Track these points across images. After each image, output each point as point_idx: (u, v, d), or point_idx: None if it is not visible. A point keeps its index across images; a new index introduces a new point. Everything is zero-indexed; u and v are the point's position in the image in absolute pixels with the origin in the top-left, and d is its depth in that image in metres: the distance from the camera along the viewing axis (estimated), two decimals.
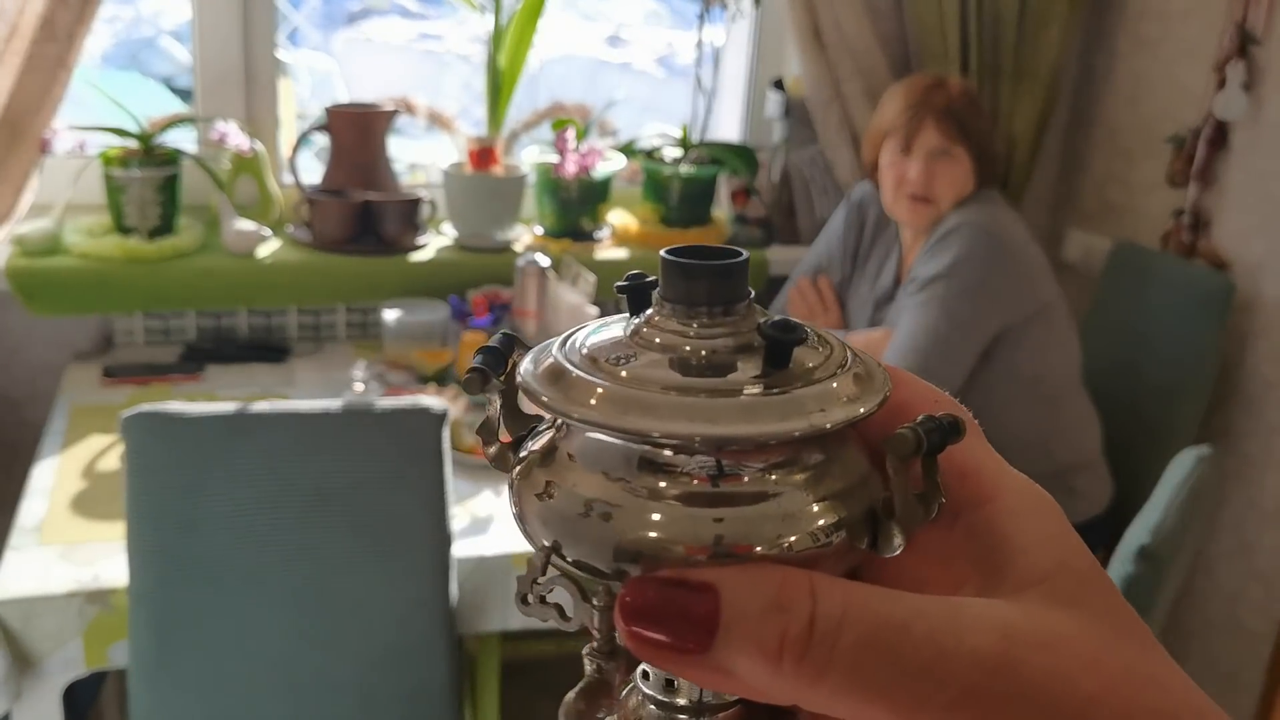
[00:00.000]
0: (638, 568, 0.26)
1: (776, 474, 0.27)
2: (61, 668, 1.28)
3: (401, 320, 1.90)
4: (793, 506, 0.27)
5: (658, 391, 0.26)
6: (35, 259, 1.85)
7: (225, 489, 1.23)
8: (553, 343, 0.30)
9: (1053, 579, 0.27)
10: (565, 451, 0.29)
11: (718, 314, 0.28)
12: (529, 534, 0.29)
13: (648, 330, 0.29)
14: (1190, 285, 2.02)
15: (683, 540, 0.26)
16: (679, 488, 0.26)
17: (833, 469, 0.28)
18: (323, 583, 1.27)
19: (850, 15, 2.12)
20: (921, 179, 1.78)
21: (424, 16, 2.35)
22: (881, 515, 0.28)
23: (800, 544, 0.26)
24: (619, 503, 0.27)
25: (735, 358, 0.28)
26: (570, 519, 0.27)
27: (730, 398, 0.26)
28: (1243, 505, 2.07)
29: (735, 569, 0.25)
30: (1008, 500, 0.29)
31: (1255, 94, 1.98)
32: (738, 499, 0.26)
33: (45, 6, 1.70)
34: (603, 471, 0.27)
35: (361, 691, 1.31)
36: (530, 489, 0.29)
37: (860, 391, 0.28)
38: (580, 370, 0.28)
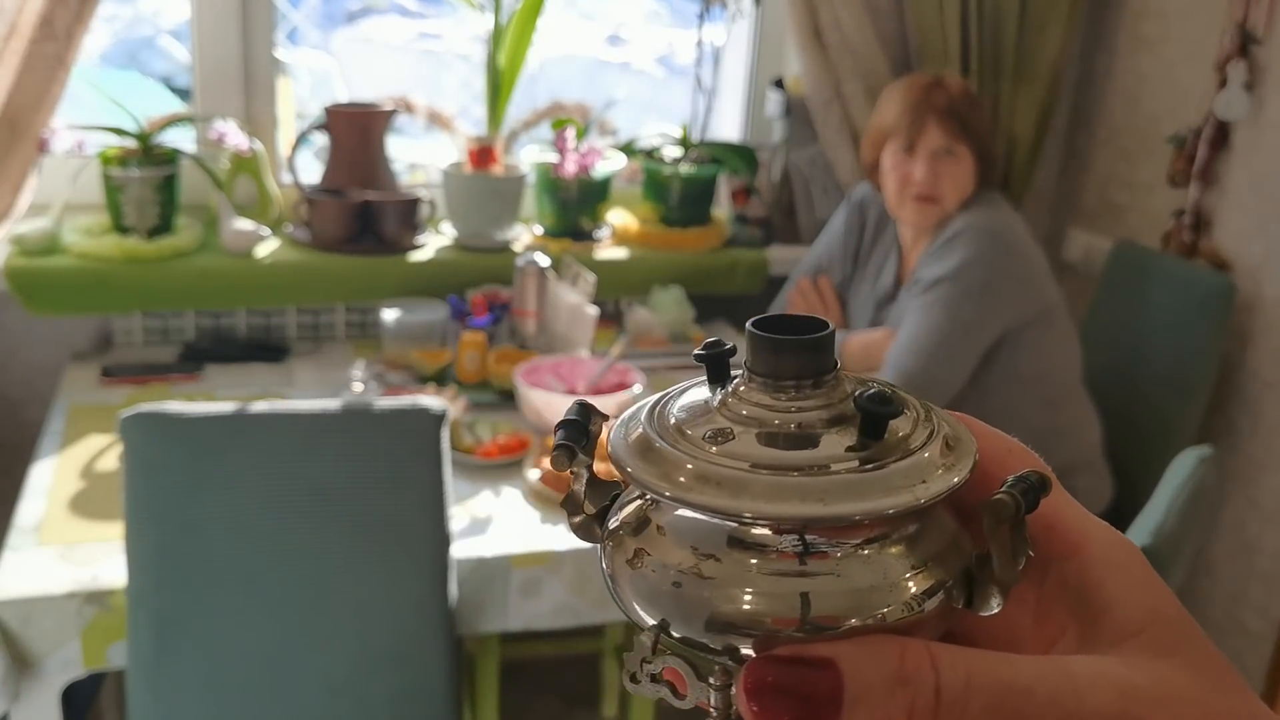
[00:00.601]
0: (747, 643, 0.26)
1: (871, 547, 0.27)
2: (60, 668, 1.27)
3: (401, 320, 1.89)
4: (890, 577, 0.27)
5: (747, 469, 0.26)
6: (34, 259, 1.85)
7: (224, 489, 1.22)
8: (639, 412, 0.30)
9: (1150, 629, 0.27)
10: (657, 524, 0.28)
11: (807, 386, 0.28)
12: (625, 607, 0.29)
13: (735, 402, 0.29)
14: (1191, 285, 2.02)
15: (778, 615, 0.26)
16: (773, 564, 0.26)
17: (926, 534, 0.28)
18: (321, 583, 1.27)
19: (850, 15, 2.11)
20: (927, 179, 1.77)
21: (423, 16, 2.35)
22: (976, 574, 0.28)
23: (897, 614, 0.26)
24: (713, 577, 0.27)
25: (827, 430, 0.28)
26: (666, 593, 0.27)
27: (827, 476, 0.26)
28: (1243, 505, 2.06)
29: (853, 643, 0.26)
30: (1095, 551, 0.29)
31: (1256, 94, 1.98)
32: (834, 573, 0.26)
33: (44, 5, 1.70)
34: (694, 546, 0.27)
35: (360, 691, 1.31)
36: (624, 561, 0.29)
37: (953, 459, 0.28)
38: (670, 444, 0.28)
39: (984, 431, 0.31)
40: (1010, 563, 0.27)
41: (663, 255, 2.15)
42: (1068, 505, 0.30)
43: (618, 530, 0.29)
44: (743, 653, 0.26)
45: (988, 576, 0.27)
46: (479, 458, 1.57)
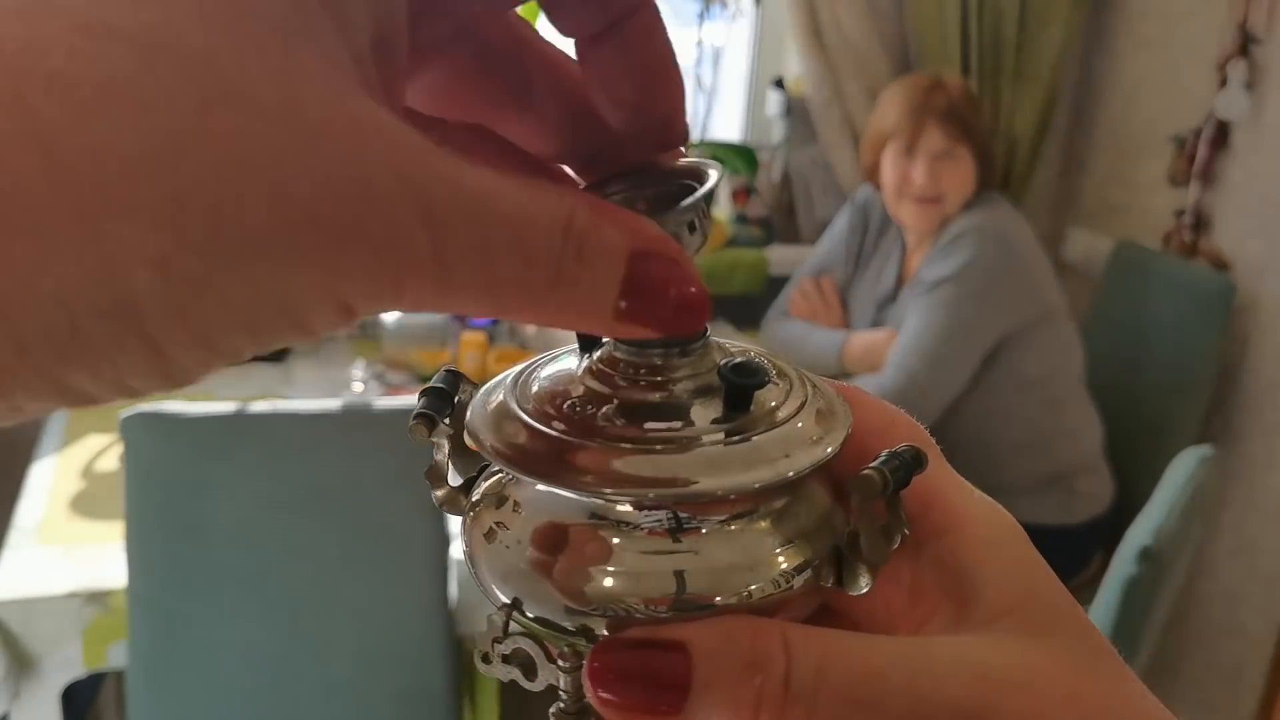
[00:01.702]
0: (601, 624, 0.25)
1: (738, 523, 0.26)
2: (60, 668, 1.27)
3: (401, 320, 1.89)
4: (756, 554, 0.25)
5: (612, 444, 0.25)
6: None
7: (224, 489, 1.22)
8: (504, 380, 0.28)
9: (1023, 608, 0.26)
10: (514, 499, 0.27)
11: (674, 354, 0.27)
12: (483, 585, 0.27)
13: (601, 369, 0.27)
14: (1191, 285, 2.02)
15: (641, 595, 0.25)
16: (634, 542, 0.25)
17: (796, 510, 0.26)
18: (321, 583, 1.27)
19: (851, 15, 2.11)
20: (927, 181, 1.77)
21: None
22: (847, 552, 0.27)
23: (764, 591, 0.25)
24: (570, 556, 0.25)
25: (693, 401, 0.26)
26: (522, 571, 0.26)
27: (690, 450, 0.25)
28: (1244, 505, 2.06)
29: (705, 624, 0.24)
30: (973, 528, 0.28)
31: (1257, 93, 1.98)
32: (698, 550, 0.25)
33: None
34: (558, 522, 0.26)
35: (360, 692, 1.31)
36: (481, 538, 0.27)
37: (824, 430, 0.26)
38: (530, 416, 0.26)
39: (869, 404, 0.29)
40: (879, 541, 0.26)
41: None
42: (947, 480, 0.29)
43: (477, 503, 0.28)
44: (597, 634, 0.25)
45: (857, 555, 0.26)
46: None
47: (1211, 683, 2.15)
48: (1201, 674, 2.18)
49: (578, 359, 0.28)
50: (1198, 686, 2.18)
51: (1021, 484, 1.81)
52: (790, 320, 1.99)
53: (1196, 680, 2.19)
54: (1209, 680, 2.16)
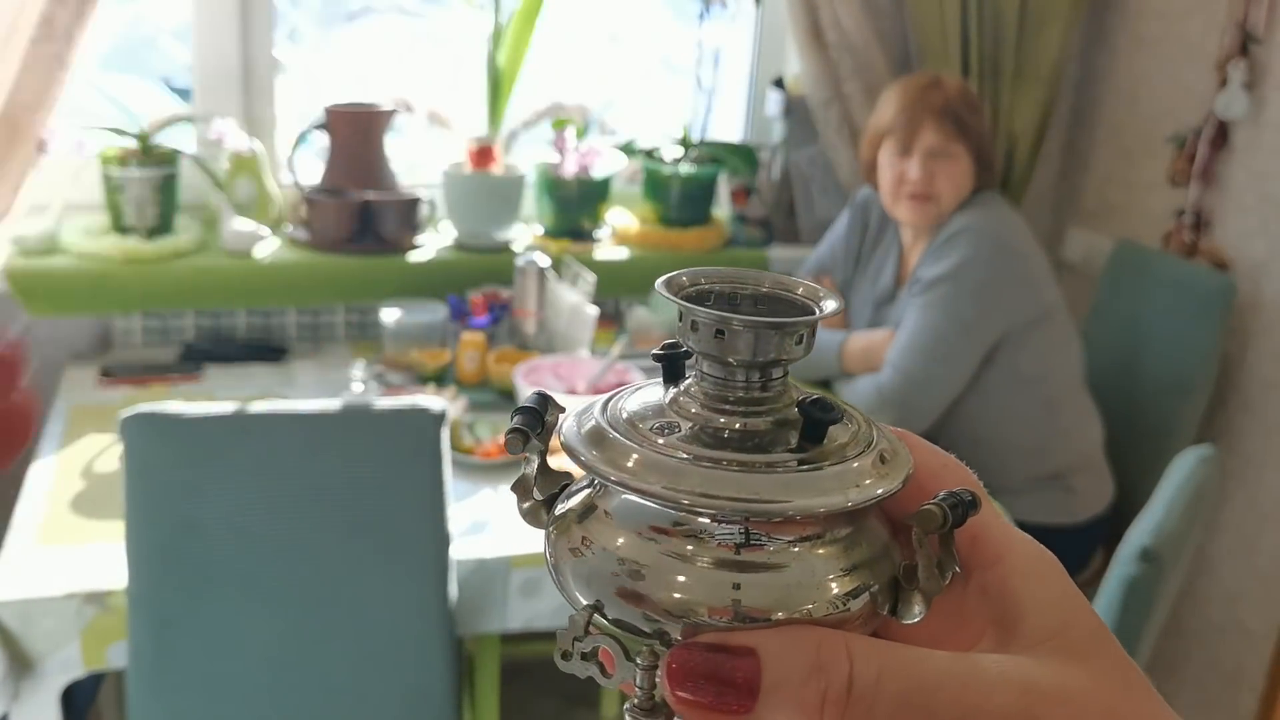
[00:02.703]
0: (678, 629, 0.27)
1: (802, 545, 0.28)
2: (60, 669, 1.27)
3: (400, 320, 1.89)
4: (817, 575, 0.28)
5: (691, 460, 0.27)
6: (33, 259, 1.85)
7: (224, 489, 1.22)
8: (594, 405, 0.31)
9: (1062, 635, 0.29)
10: (602, 510, 0.29)
11: (755, 388, 0.29)
12: (566, 590, 0.30)
13: (685, 400, 0.30)
14: (1191, 285, 2.02)
15: (708, 603, 0.27)
16: (708, 553, 0.27)
17: (857, 540, 0.29)
18: (321, 583, 1.27)
19: (850, 14, 2.11)
20: (922, 179, 1.78)
21: (423, 15, 2.35)
22: (903, 583, 0.29)
23: (821, 610, 0.27)
24: (649, 563, 0.28)
25: (770, 431, 0.29)
26: (605, 576, 0.28)
27: (762, 472, 0.27)
28: (1243, 505, 2.06)
29: (774, 632, 0.27)
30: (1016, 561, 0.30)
31: (1257, 93, 1.98)
32: (764, 566, 0.27)
33: (44, 5, 1.70)
34: (636, 532, 0.28)
35: (360, 692, 1.31)
36: (567, 545, 0.30)
37: (889, 468, 0.29)
38: (620, 435, 0.29)
39: (923, 448, 0.32)
40: (934, 573, 0.28)
41: (662, 255, 2.15)
42: (993, 518, 0.31)
43: (564, 515, 0.30)
44: (672, 637, 0.27)
45: (913, 585, 0.29)
46: (479, 458, 1.56)
47: (1211, 682, 2.15)
48: (1201, 673, 2.17)
49: (663, 389, 0.31)
50: (1198, 686, 2.18)
51: (1022, 483, 1.81)
52: None
53: (1196, 679, 2.18)
54: (1209, 679, 2.16)
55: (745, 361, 0.29)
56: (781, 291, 0.31)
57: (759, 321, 0.28)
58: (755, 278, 0.32)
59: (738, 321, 0.28)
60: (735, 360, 0.29)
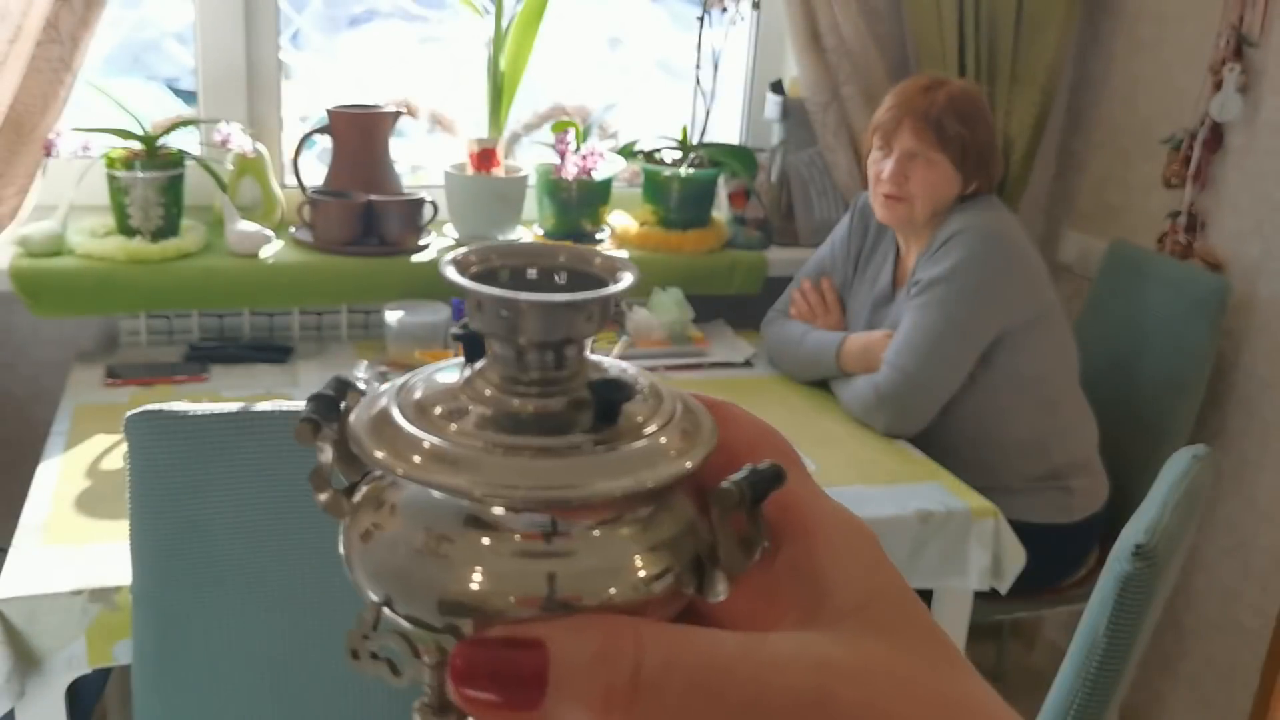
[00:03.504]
0: (468, 623, 0.26)
1: (602, 529, 0.27)
2: (65, 666, 1.28)
3: (404, 321, 1.91)
4: (618, 560, 0.26)
5: (483, 449, 0.26)
6: (39, 260, 1.86)
7: (228, 488, 1.23)
8: (387, 389, 0.29)
9: (868, 608, 0.28)
10: (391, 502, 0.28)
11: (550, 367, 0.28)
12: (358, 585, 0.28)
13: (479, 381, 0.28)
14: (1186, 286, 2.03)
15: (506, 595, 0.26)
16: (503, 544, 0.26)
17: (659, 519, 0.28)
18: (325, 581, 1.28)
19: (848, 18, 2.13)
20: (893, 178, 1.79)
21: (426, 19, 2.36)
22: (707, 561, 0.28)
23: (625, 595, 0.26)
24: (442, 556, 0.26)
25: (565, 413, 0.27)
26: (395, 571, 0.27)
27: (558, 457, 0.26)
28: (1239, 504, 2.08)
29: (562, 623, 0.25)
30: (825, 533, 0.29)
31: (1251, 96, 1.99)
32: (561, 554, 0.26)
33: (49, 8, 1.71)
34: (427, 526, 0.27)
35: (363, 688, 1.31)
36: (357, 537, 0.28)
37: (687, 445, 0.28)
38: (409, 422, 0.27)
39: (741, 420, 0.31)
40: (735, 550, 0.27)
41: (662, 257, 2.16)
42: (805, 489, 0.30)
43: (357, 506, 0.29)
44: (463, 632, 0.26)
45: (716, 564, 0.28)
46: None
47: (1207, 680, 2.16)
48: (1197, 671, 2.19)
49: (459, 370, 0.29)
50: (1193, 683, 2.19)
51: (1018, 483, 1.82)
52: (789, 321, 2.01)
53: (1192, 677, 2.20)
54: (1204, 677, 2.17)
55: (535, 342, 0.27)
56: (579, 266, 0.30)
57: (544, 300, 0.27)
58: (550, 252, 0.30)
59: (522, 301, 0.27)
60: (525, 341, 0.27)
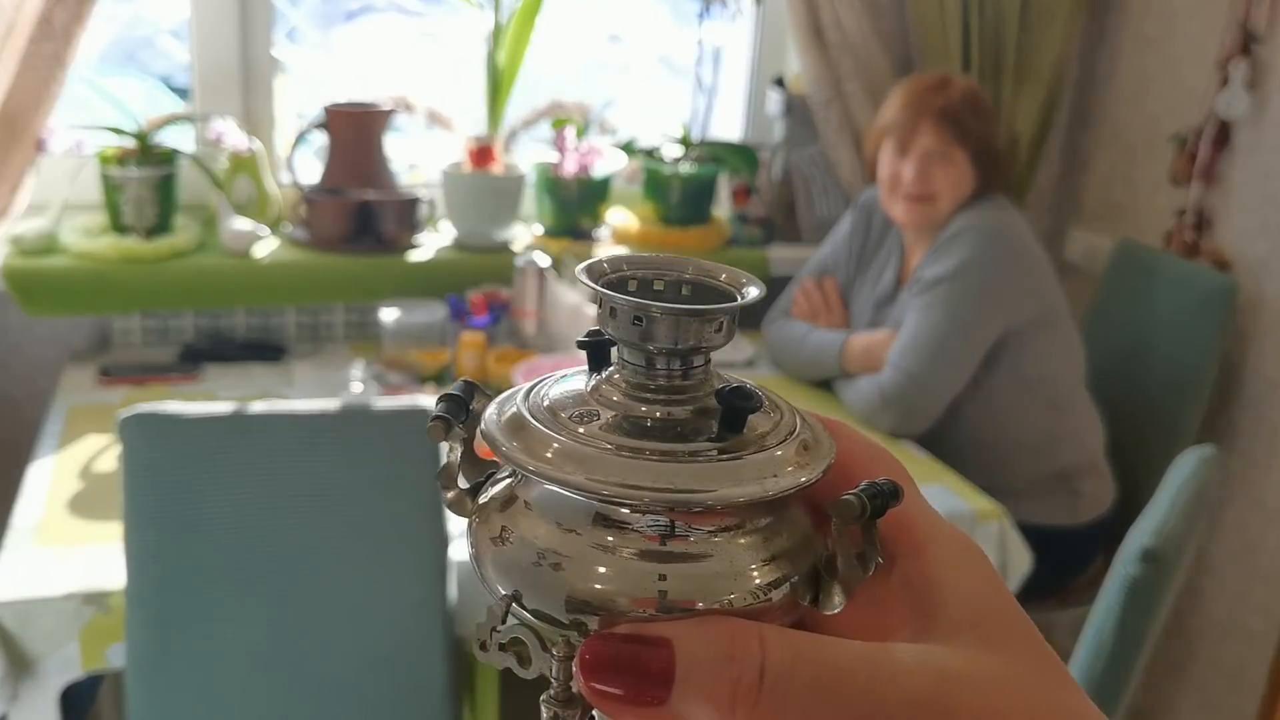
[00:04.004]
0: (594, 620, 0.27)
1: (723, 535, 0.28)
2: (58, 669, 1.27)
3: (400, 320, 1.89)
4: (737, 566, 0.28)
5: (612, 451, 0.27)
6: (32, 259, 1.84)
7: (223, 490, 1.22)
8: (517, 393, 0.31)
9: (982, 624, 0.29)
10: (523, 500, 0.29)
11: (677, 376, 0.29)
12: (486, 580, 0.29)
13: (607, 388, 0.30)
14: (1193, 284, 2.02)
15: (629, 594, 0.27)
16: (629, 544, 0.27)
17: (778, 530, 0.29)
18: (320, 583, 1.27)
19: (851, 13, 2.11)
20: (917, 180, 1.77)
21: (423, 15, 2.34)
22: (824, 573, 0.29)
23: (742, 601, 0.27)
24: (570, 554, 0.27)
25: (691, 420, 0.29)
26: (525, 567, 0.28)
27: (683, 461, 0.27)
28: (1246, 505, 2.06)
29: (688, 622, 0.27)
30: (939, 551, 0.30)
31: (1258, 93, 1.98)
32: (684, 557, 0.27)
33: (42, 4, 1.70)
34: (557, 522, 0.28)
35: (359, 692, 1.30)
36: (487, 535, 0.29)
37: (807, 459, 0.29)
38: (541, 424, 0.29)
39: (853, 438, 0.32)
40: (854, 563, 0.28)
41: None
42: (920, 507, 0.31)
43: (486, 505, 0.30)
44: (589, 628, 0.27)
45: (834, 576, 0.29)
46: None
47: (1214, 682, 2.15)
48: (1204, 674, 2.17)
49: (586, 378, 0.31)
50: (1200, 686, 2.18)
51: (1025, 485, 1.80)
52: (791, 321, 1.99)
53: (1199, 680, 2.18)
54: (1211, 680, 2.15)
55: (665, 349, 0.29)
56: (705, 278, 0.31)
57: (677, 309, 0.28)
58: (678, 264, 0.31)
59: (656, 308, 0.28)
60: (655, 348, 0.29)
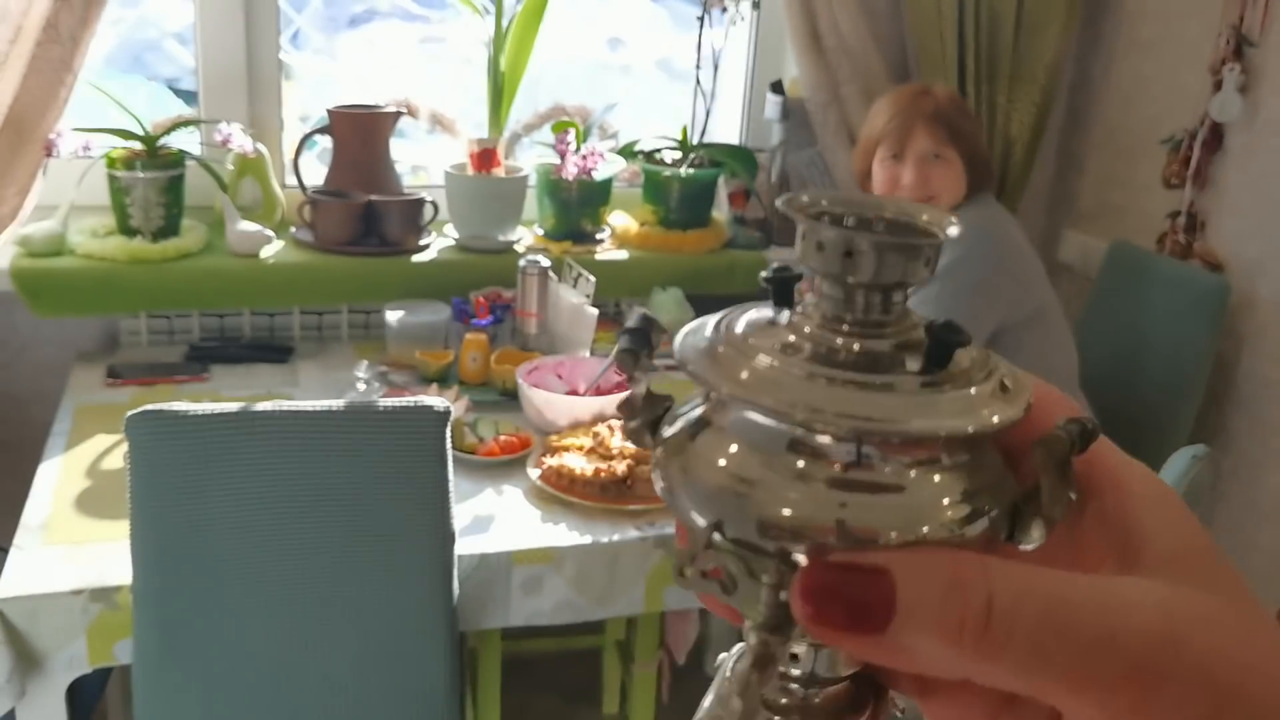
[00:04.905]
0: (799, 548, 0.27)
1: (919, 469, 0.27)
2: (66, 665, 1.28)
3: (404, 321, 1.91)
4: (936, 499, 0.27)
5: (810, 377, 0.27)
6: (40, 260, 1.86)
7: (228, 488, 1.24)
8: (705, 324, 0.30)
9: (1184, 561, 0.28)
10: (717, 425, 0.29)
11: (876, 309, 0.28)
12: (679, 509, 0.29)
13: (801, 320, 0.29)
14: (1186, 286, 2.03)
15: (824, 523, 0.26)
16: (821, 471, 0.27)
17: (976, 466, 0.28)
18: (325, 580, 1.28)
19: (848, 18, 2.13)
20: (916, 183, 1.79)
21: (426, 19, 2.36)
22: (1023, 506, 0.28)
23: (937, 535, 0.27)
24: (767, 481, 0.27)
25: (893, 353, 0.28)
26: (721, 494, 0.27)
27: (884, 392, 0.27)
28: (1240, 504, 2.08)
29: (908, 552, 0.26)
30: (1134, 486, 0.30)
31: (1251, 96, 1.99)
32: (882, 488, 0.27)
33: (49, 9, 1.71)
34: (752, 447, 0.27)
35: (363, 688, 1.32)
36: (679, 465, 0.29)
37: (1008, 398, 0.28)
38: (734, 350, 0.28)
39: (1042, 386, 0.32)
40: (1059, 496, 0.27)
41: (662, 257, 2.17)
42: (1106, 445, 0.31)
43: (677, 434, 0.29)
44: (793, 557, 0.27)
45: (1033, 510, 0.28)
46: (481, 456, 1.58)
47: None
48: None
49: (774, 311, 0.30)
50: None
51: None
52: None
53: None
54: None
55: (870, 283, 0.28)
56: (904, 218, 0.31)
57: (888, 241, 0.28)
58: (876, 203, 0.31)
59: (866, 241, 0.27)
60: (861, 281, 0.28)
